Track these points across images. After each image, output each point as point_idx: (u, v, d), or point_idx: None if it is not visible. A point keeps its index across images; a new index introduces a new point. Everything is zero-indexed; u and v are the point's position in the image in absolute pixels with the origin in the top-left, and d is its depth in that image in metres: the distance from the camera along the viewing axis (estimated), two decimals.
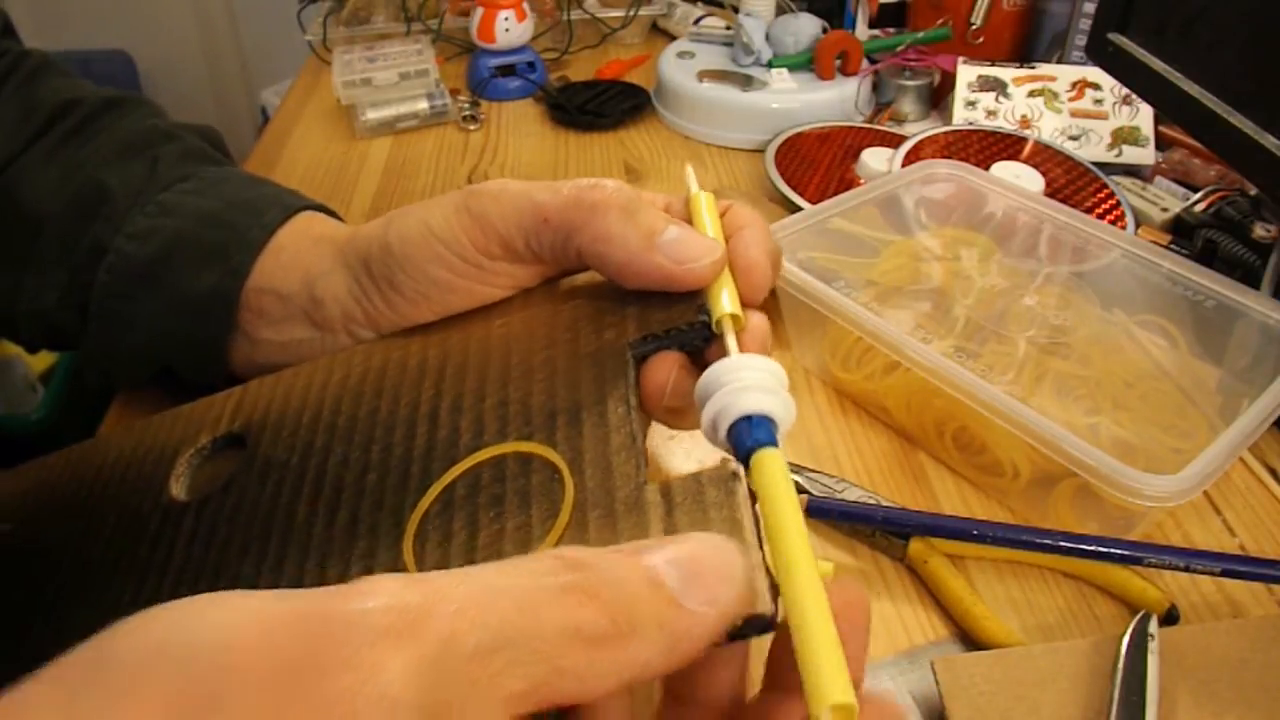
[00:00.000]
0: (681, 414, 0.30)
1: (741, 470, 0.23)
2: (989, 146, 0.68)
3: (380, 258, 0.35)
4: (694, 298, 0.30)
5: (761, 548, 0.21)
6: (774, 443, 0.24)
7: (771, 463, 0.23)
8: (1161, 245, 0.54)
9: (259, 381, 0.37)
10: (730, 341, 0.28)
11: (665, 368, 0.29)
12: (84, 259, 0.41)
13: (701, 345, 0.30)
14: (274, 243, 0.40)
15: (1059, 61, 0.78)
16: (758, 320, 0.30)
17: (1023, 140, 0.69)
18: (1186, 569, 0.37)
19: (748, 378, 0.25)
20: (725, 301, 0.29)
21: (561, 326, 0.32)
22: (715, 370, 0.26)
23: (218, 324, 0.40)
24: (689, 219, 0.32)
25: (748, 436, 0.24)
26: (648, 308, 0.30)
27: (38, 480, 0.39)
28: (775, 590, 0.20)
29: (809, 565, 0.20)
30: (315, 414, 0.33)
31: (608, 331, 0.30)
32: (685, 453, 0.45)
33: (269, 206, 0.41)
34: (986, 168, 0.60)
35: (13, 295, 0.43)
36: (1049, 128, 0.72)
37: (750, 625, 0.20)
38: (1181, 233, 0.60)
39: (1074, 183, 0.64)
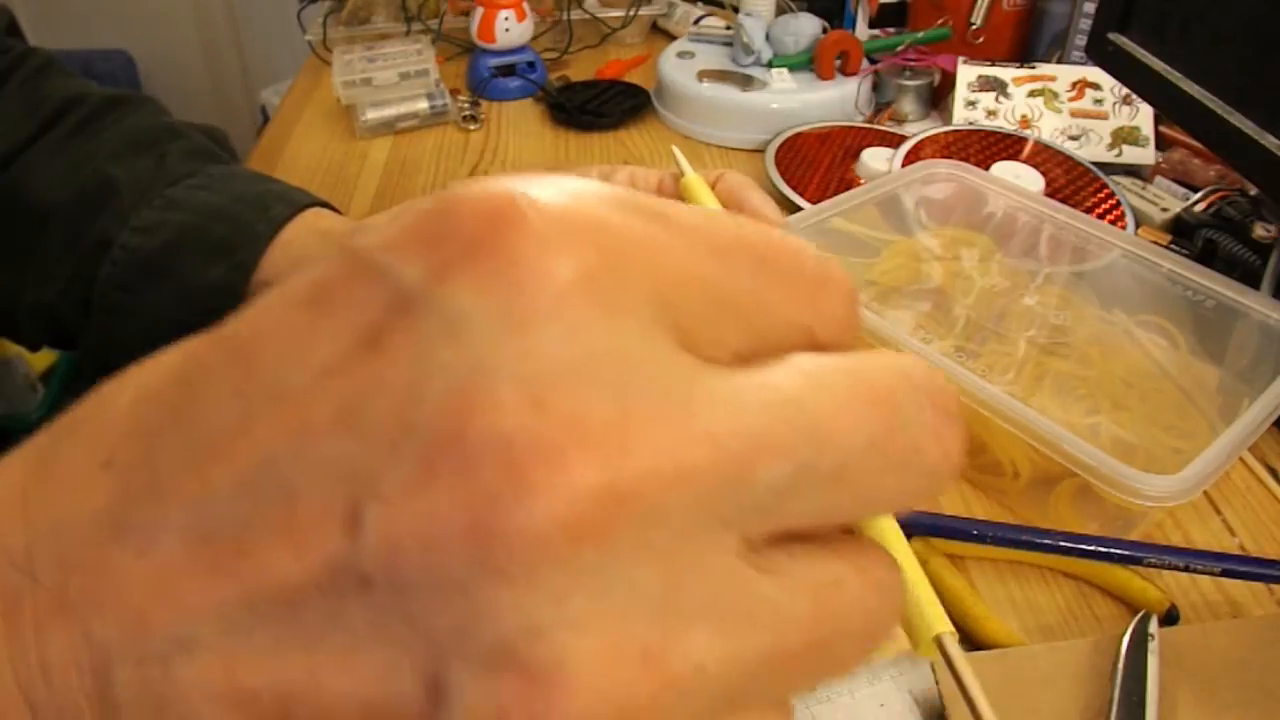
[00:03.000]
0: None
1: None
2: (989, 146, 0.68)
3: None
4: None
5: None
6: None
7: None
8: (1161, 245, 0.54)
9: None
10: None
11: None
12: (89, 252, 0.41)
13: None
14: (281, 237, 0.41)
15: (1059, 61, 0.78)
16: None
17: (1023, 140, 0.69)
18: (1186, 569, 0.37)
19: None
20: None
21: None
22: None
23: (223, 318, 0.40)
24: (681, 199, 0.32)
25: None
26: None
27: None
28: None
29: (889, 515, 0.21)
30: None
31: None
32: None
33: (275, 202, 0.42)
34: (986, 168, 0.60)
35: (16, 289, 0.43)
36: (1049, 128, 0.72)
37: None
38: (1181, 233, 0.60)
39: (1074, 183, 0.64)
